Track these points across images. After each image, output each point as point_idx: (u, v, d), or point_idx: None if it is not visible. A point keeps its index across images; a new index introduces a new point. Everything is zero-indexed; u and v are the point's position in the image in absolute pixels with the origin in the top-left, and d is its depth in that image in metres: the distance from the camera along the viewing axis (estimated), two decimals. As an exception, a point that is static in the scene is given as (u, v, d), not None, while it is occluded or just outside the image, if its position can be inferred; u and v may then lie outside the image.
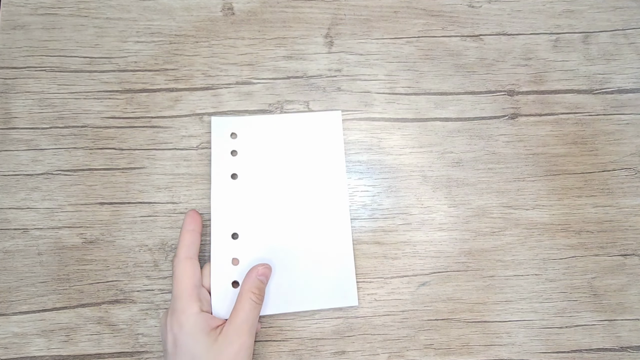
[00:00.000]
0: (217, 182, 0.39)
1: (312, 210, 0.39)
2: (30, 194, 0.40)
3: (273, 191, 0.39)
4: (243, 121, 0.41)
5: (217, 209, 0.38)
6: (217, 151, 0.40)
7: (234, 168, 0.39)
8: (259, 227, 0.39)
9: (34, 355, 0.38)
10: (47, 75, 0.41)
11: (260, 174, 0.40)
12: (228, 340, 0.33)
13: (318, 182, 0.40)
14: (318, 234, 0.39)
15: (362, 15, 0.44)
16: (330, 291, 0.38)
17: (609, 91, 0.43)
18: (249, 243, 0.38)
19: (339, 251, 0.39)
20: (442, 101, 0.43)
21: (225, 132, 0.40)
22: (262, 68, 0.43)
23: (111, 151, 0.41)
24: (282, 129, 0.41)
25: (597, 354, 0.39)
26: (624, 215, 0.41)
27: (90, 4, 0.43)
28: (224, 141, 0.40)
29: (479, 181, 0.42)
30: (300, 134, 0.41)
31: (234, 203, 0.39)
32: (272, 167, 0.40)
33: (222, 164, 0.39)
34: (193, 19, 0.43)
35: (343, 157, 0.41)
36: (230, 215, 0.38)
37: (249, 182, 0.39)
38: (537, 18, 0.44)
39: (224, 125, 0.40)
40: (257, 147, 0.40)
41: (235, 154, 0.40)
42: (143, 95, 0.42)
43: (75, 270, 0.39)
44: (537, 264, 0.40)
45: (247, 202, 0.39)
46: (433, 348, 0.39)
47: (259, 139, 0.40)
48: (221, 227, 0.38)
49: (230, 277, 0.37)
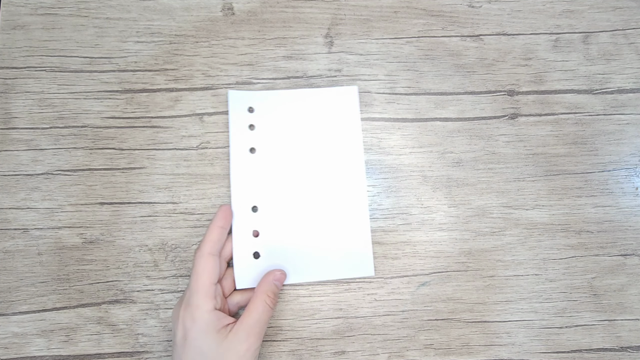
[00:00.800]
0: (235, 156, 0.40)
1: (329, 182, 0.40)
2: (30, 194, 0.40)
3: (291, 164, 0.40)
4: (260, 95, 0.41)
5: (236, 183, 0.39)
6: (235, 125, 0.40)
7: (252, 142, 0.40)
8: (277, 200, 0.40)
9: (34, 355, 0.38)
10: (47, 75, 0.41)
11: (278, 148, 0.40)
12: (237, 339, 0.33)
13: (335, 155, 0.41)
14: (335, 206, 0.40)
15: (362, 15, 0.44)
16: (347, 262, 0.39)
17: (609, 91, 0.43)
18: (269, 215, 0.39)
19: (355, 223, 0.40)
20: (442, 101, 0.43)
21: (242, 106, 0.41)
22: (262, 68, 0.43)
23: (111, 151, 0.41)
24: (299, 103, 0.42)
25: (597, 354, 0.39)
26: (624, 215, 0.41)
27: (90, 4, 0.43)
28: (241, 115, 0.41)
29: (479, 181, 0.42)
30: (317, 109, 0.41)
31: (252, 176, 0.40)
32: (290, 141, 0.41)
33: (240, 138, 0.40)
34: (193, 19, 0.43)
35: (359, 130, 0.41)
36: (250, 189, 0.39)
37: (267, 156, 0.40)
38: (537, 18, 0.44)
39: (241, 99, 0.41)
40: (274, 121, 0.41)
41: (253, 128, 0.40)
42: (143, 95, 0.42)
43: (75, 270, 0.39)
44: (537, 264, 0.40)
45: (265, 176, 0.40)
46: (433, 348, 0.39)
47: (276, 113, 0.41)
48: (241, 200, 0.39)
49: (251, 249, 0.38)
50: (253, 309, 0.34)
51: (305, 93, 0.42)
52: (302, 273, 0.39)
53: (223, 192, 0.40)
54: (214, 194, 0.40)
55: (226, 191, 0.40)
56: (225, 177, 0.41)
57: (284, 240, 0.39)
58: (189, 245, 0.40)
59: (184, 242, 0.40)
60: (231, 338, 0.33)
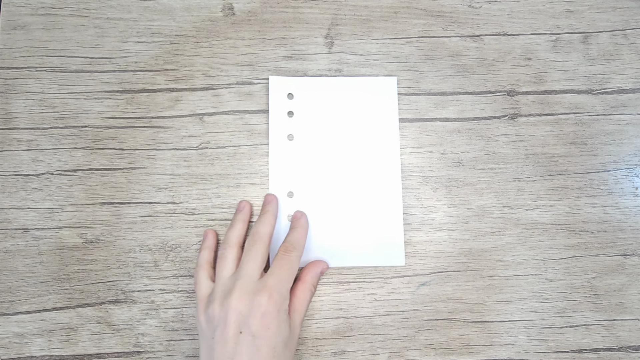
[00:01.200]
0: (274, 142, 0.41)
1: (364, 171, 0.41)
2: (30, 194, 0.40)
3: (328, 152, 0.41)
4: (300, 82, 0.42)
5: (274, 169, 0.40)
6: (275, 111, 0.41)
7: (290, 129, 0.41)
8: (313, 187, 0.40)
9: (35, 355, 0.38)
10: (48, 75, 0.42)
11: (316, 135, 0.41)
12: (296, 327, 0.35)
13: (371, 145, 0.41)
14: (369, 194, 0.40)
15: (362, 16, 0.44)
16: (379, 250, 0.40)
17: (608, 91, 0.43)
18: (304, 201, 0.40)
19: (388, 212, 0.40)
20: (442, 101, 0.43)
21: (282, 93, 0.41)
22: (262, 68, 0.43)
23: (111, 151, 0.41)
24: (339, 91, 0.42)
25: (597, 354, 0.39)
26: (623, 215, 0.41)
27: (90, 4, 0.43)
28: (281, 101, 0.41)
29: (479, 181, 0.42)
30: (356, 97, 0.42)
31: (290, 163, 0.41)
32: (328, 129, 0.41)
33: (279, 124, 0.41)
34: (193, 19, 0.43)
35: (397, 121, 0.42)
36: (287, 175, 0.40)
37: (304, 143, 0.41)
38: (537, 18, 0.44)
39: (281, 85, 0.42)
40: (313, 109, 0.42)
41: (292, 115, 0.41)
42: (143, 95, 0.42)
43: (76, 270, 0.39)
44: (537, 264, 0.40)
45: (302, 163, 0.41)
46: (433, 348, 0.39)
47: (316, 100, 0.42)
48: (278, 185, 0.40)
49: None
50: (303, 297, 0.36)
51: (344, 81, 0.42)
52: (334, 258, 0.39)
53: (223, 192, 0.40)
54: (214, 194, 0.40)
55: (226, 191, 0.40)
56: (225, 177, 0.41)
57: (318, 226, 0.40)
58: (189, 245, 0.40)
59: (184, 242, 0.40)
60: (292, 327, 0.34)
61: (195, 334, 0.39)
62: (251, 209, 0.40)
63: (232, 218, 0.39)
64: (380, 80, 0.42)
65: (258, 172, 0.41)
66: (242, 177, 0.41)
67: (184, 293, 0.39)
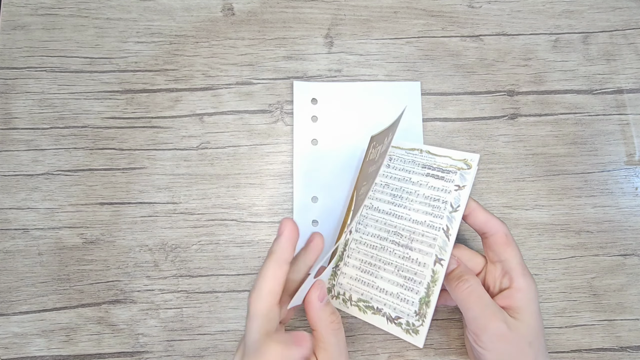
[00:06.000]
0: (298, 147, 0.41)
1: None
2: (30, 194, 0.40)
3: (351, 157, 0.41)
4: (324, 87, 0.42)
5: (298, 173, 0.40)
6: (299, 116, 0.41)
7: (314, 134, 0.41)
8: (337, 192, 0.40)
9: (34, 355, 0.38)
10: (48, 75, 0.42)
11: (340, 140, 0.41)
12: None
13: None
14: None
15: (362, 16, 0.44)
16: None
17: (608, 91, 0.43)
18: (328, 206, 0.40)
19: None
20: (442, 101, 0.43)
21: (306, 97, 0.42)
22: (262, 68, 0.43)
23: (111, 151, 0.41)
24: (362, 96, 0.42)
25: (597, 354, 0.39)
26: (623, 215, 0.41)
27: (90, 5, 0.43)
28: (305, 106, 0.42)
29: (479, 181, 0.42)
30: (379, 102, 0.42)
31: (314, 168, 0.41)
32: (351, 134, 0.41)
33: (303, 129, 0.41)
34: (193, 19, 0.43)
35: (421, 126, 0.42)
36: (311, 180, 0.40)
37: (328, 148, 0.41)
38: (537, 18, 0.44)
39: (305, 90, 0.42)
40: (337, 113, 0.42)
41: (316, 120, 0.41)
42: (143, 95, 0.42)
43: (76, 270, 0.39)
44: (537, 264, 0.40)
45: (326, 167, 0.41)
46: (433, 348, 0.39)
47: (339, 105, 0.42)
48: (302, 190, 0.40)
49: None
50: (329, 346, 0.30)
51: (367, 86, 0.42)
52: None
53: (223, 192, 0.40)
54: (214, 194, 0.40)
55: (226, 191, 0.40)
56: (225, 177, 0.41)
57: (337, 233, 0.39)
58: (189, 245, 0.40)
59: (184, 242, 0.40)
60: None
61: (195, 334, 0.39)
62: None
63: None
64: (404, 84, 0.42)
65: (258, 172, 0.41)
66: (241, 177, 0.41)
67: (184, 293, 0.39)
